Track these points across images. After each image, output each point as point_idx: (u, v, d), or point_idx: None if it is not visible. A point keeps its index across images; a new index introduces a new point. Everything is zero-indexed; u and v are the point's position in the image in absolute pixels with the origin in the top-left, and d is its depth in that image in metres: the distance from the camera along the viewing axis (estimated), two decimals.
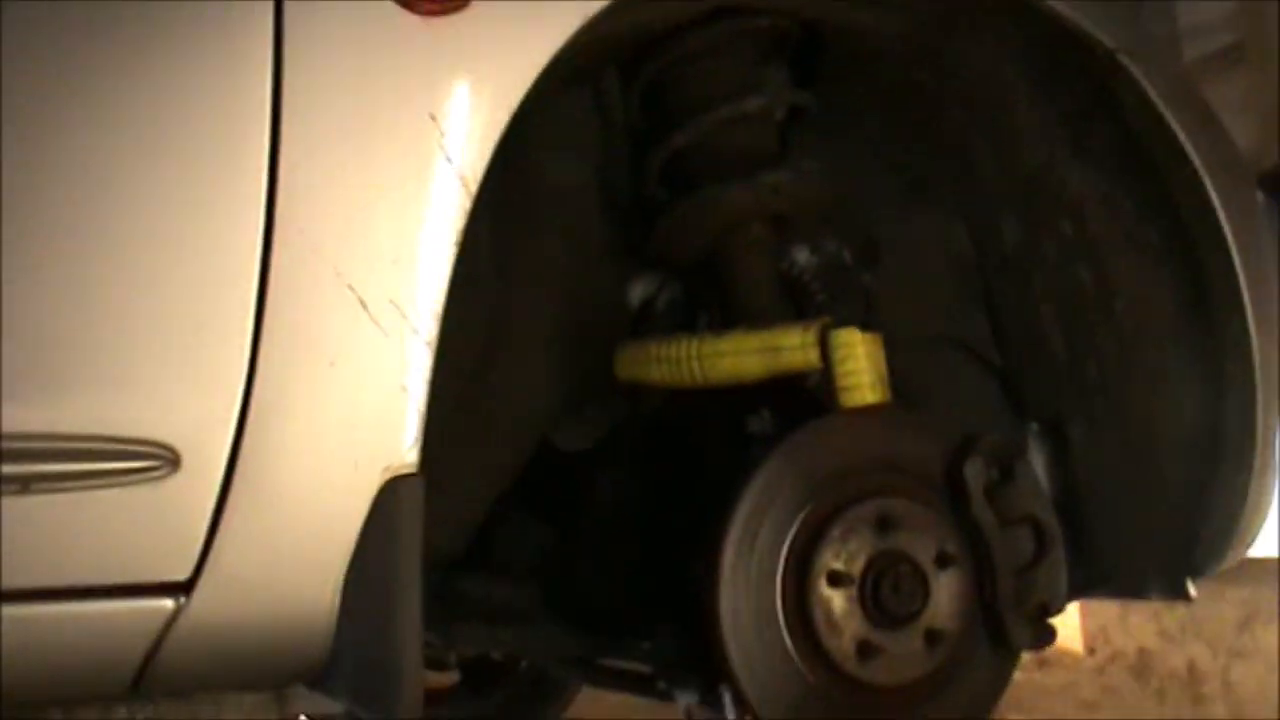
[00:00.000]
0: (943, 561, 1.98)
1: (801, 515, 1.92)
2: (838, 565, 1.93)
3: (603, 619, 2.25)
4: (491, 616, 2.27)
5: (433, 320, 1.59)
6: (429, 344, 1.59)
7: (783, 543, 1.93)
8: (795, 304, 2.33)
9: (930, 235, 2.36)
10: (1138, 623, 4.59)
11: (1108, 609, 4.75)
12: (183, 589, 1.50)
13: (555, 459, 2.33)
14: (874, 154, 2.33)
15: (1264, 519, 2.25)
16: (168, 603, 1.50)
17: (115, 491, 1.44)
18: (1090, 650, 4.55)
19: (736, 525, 1.91)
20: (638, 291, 2.36)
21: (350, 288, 1.53)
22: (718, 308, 2.25)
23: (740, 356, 2.05)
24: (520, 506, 2.36)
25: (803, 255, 2.40)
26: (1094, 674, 4.68)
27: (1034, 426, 2.46)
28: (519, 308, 2.23)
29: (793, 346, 2.01)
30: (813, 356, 2.00)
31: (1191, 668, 4.43)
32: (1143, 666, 4.60)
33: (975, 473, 2.01)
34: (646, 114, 2.26)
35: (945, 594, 1.97)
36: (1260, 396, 2.01)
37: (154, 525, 1.47)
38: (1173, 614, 4.52)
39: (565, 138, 2.27)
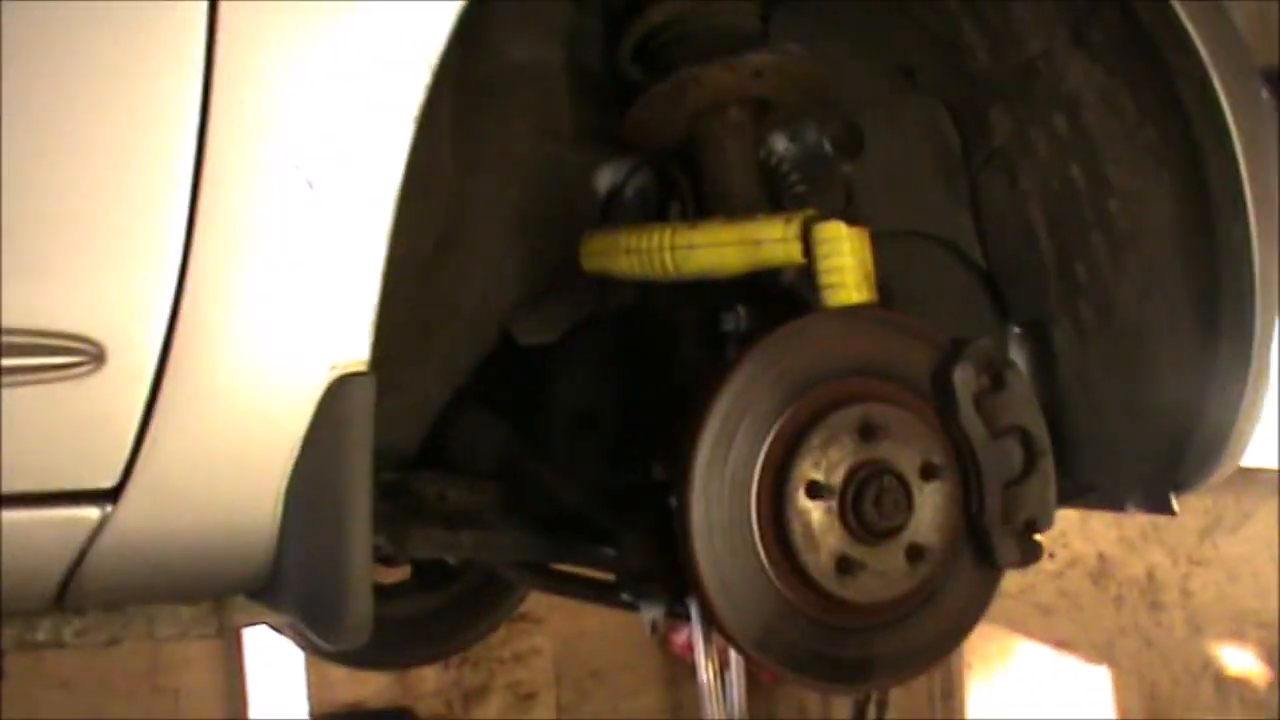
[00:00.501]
0: (928, 473, 1.87)
1: (779, 421, 1.80)
2: (817, 475, 1.81)
3: (565, 524, 2.13)
4: (447, 518, 2.14)
5: (387, 205, 1.44)
6: (382, 230, 1.44)
7: (759, 450, 1.81)
8: (772, 195, 2.19)
9: (915, 126, 2.25)
10: (1098, 529, 4.53)
11: (1068, 514, 4.69)
12: (109, 496, 1.36)
13: (516, 354, 2.19)
14: (857, 38, 2.22)
15: (1253, 432, 2.14)
16: (92, 511, 1.36)
17: (31, 390, 1.29)
18: (1050, 555, 4.49)
19: (709, 430, 1.78)
20: (605, 178, 2.22)
21: (296, 166, 1.38)
22: (691, 197, 2.11)
23: (716, 249, 1.91)
24: (478, 403, 2.24)
25: (780, 143, 2.25)
26: (1052, 578, 4.62)
27: (1015, 329, 2.37)
28: (480, 194, 2.10)
29: (773, 240, 1.88)
30: (794, 251, 1.86)
31: (1151, 575, 4.38)
32: (1101, 572, 4.54)
33: (965, 380, 1.89)
34: None
35: (929, 508, 1.86)
36: (1259, 305, 1.89)
37: (76, 427, 1.33)
38: (1134, 521, 4.46)
39: (531, 13, 2.12)
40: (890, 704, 4.71)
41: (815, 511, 1.82)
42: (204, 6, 1.36)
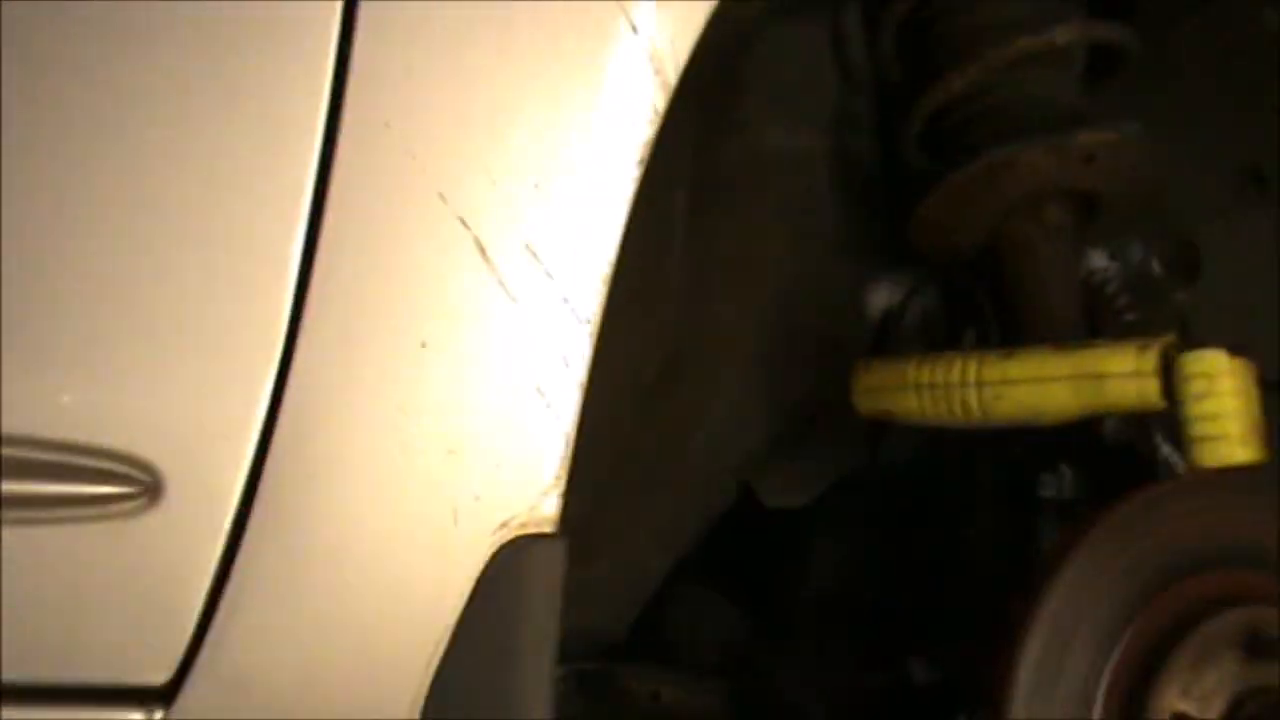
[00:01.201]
0: None
1: (1130, 629, 1.31)
2: (1187, 707, 1.26)
3: None
4: None
5: (596, 287, 0.98)
6: (588, 324, 0.97)
7: (1103, 668, 1.33)
8: (1092, 324, 1.66)
9: (1266, 242, 1.81)
10: None
11: None
12: (158, 697, 0.89)
13: (754, 520, 1.75)
14: (1198, 126, 1.78)
15: None
16: (134, 717, 0.89)
17: (48, 532, 0.83)
18: None
19: (1037, 638, 1.25)
20: (880, 297, 1.78)
21: (462, 221, 0.92)
22: (995, 322, 1.59)
23: (1040, 385, 1.41)
24: (703, 581, 1.84)
25: (1099, 260, 1.73)
26: None
27: None
28: (720, 312, 1.69)
29: (1123, 374, 1.37)
30: (1151, 390, 1.36)
31: None
32: None
33: None
34: (902, 59, 1.69)
35: None
36: None
37: (113, 592, 0.87)
38: None
39: (791, 89, 1.69)
40: None
41: None
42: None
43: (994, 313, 1.65)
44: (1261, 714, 1.32)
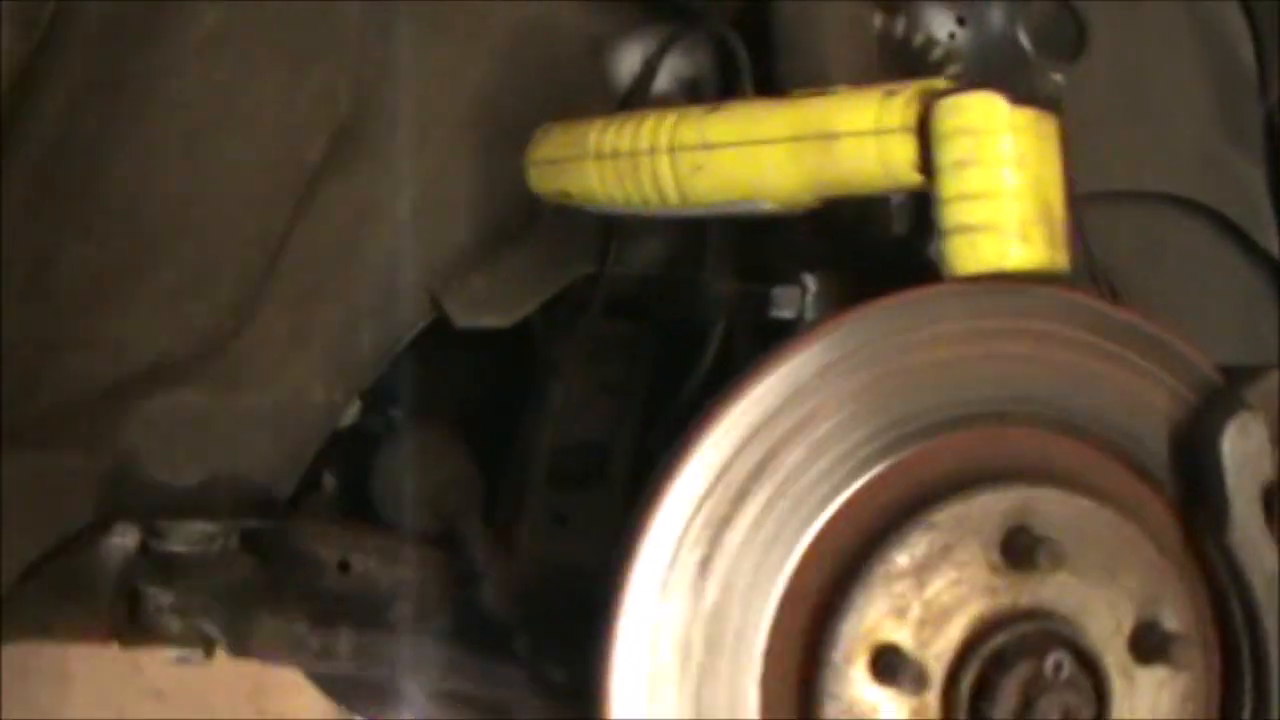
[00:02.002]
0: (1148, 647, 0.90)
1: (821, 518, 0.88)
2: (897, 637, 0.83)
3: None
4: (336, 602, 1.34)
5: None
6: None
7: (777, 570, 0.88)
8: None
9: (1177, 25, 1.41)
10: None
11: None
12: None
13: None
14: None
15: None
16: None
17: None
18: None
19: (665, 516, 0.84)
20: (628, 56, 1.29)
21: None
22: (751, 83, 1.16)
23: (754, 151, 0.96)
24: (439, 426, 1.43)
25: (941, 24, 1.28)
26: None
27: None
28: (411, 66, 1.26)
29: (859, 131, 0.90)
30: (898, 155, 0.88)
31: None
32: None
33: (1250, 453, 0.86)
34: None
35: (1142, 710, 0.89)
36: None
37: None
38: None
39: None
40: None
41: (890, 709, 0.85)
42: None
43: (753, 72, 1.18)
44: (1011, 653, 0.87)
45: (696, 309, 1.25)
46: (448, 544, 1.40)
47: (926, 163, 0.92)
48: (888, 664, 0.86)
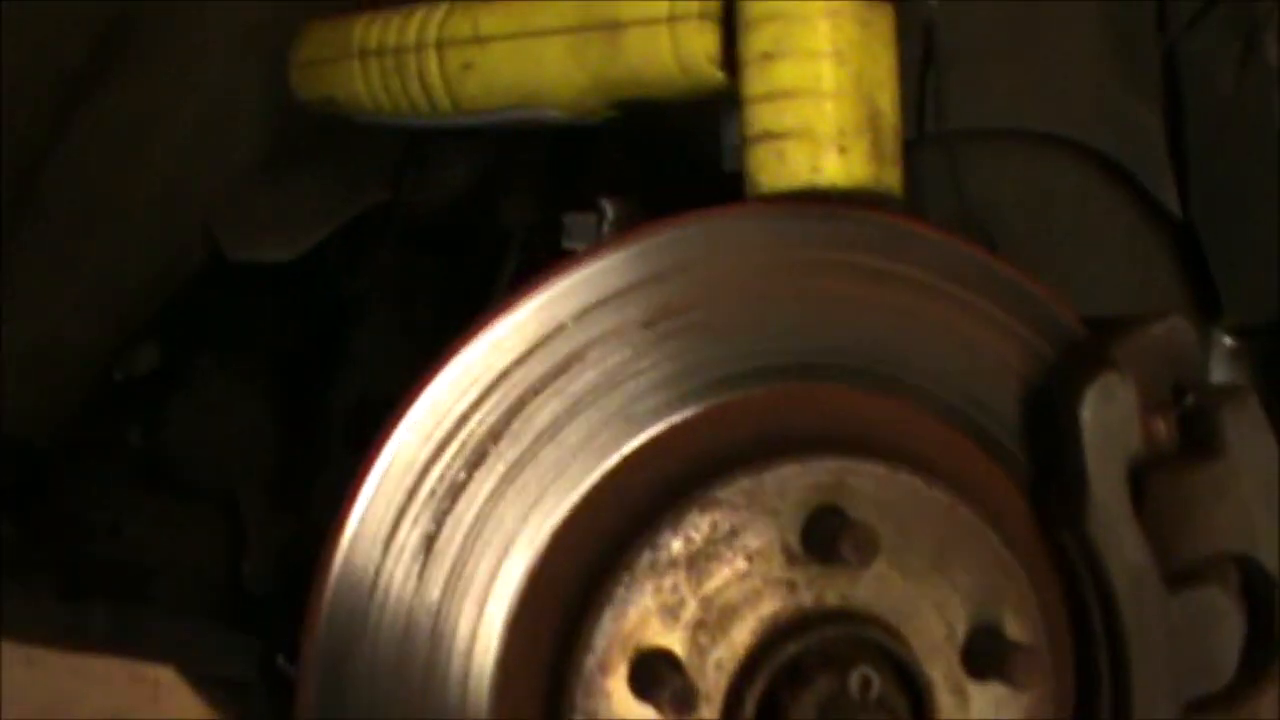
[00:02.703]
0: (983, 660, 0.69)
1: (602, 467, 0.71)
2: (666, 641, 0.67)
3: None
4: (93, 572, 1.21)
5: None
6: None
7: (531, 550, 0.70)
8: None
9: None
10: None
11: None
12: None
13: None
14: None
15: None
16: None
17: None
18: None
19: (379, 480, 0.67)
20: None
21: None
22: None
23: (530, 44, 0.77)
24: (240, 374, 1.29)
25: None
26: None
27: (1224, 338, 1.20)
28: None
29: (648, 20, 0.71)
30: (694, 49, 0.69)
31: None
32: None
33: (1113, 419, 0.69)
34: None
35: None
36: None
37: None
38: None
39: None
40: None
41: None
42: None
43: None
44: (810, 664, 0.69)
45: (492, 242, 1.08)
46: (229, 510, 1.24)
47: (730, 56, 0.75)
48: (653, 674, 0.68)
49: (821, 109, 0.72)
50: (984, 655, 0.73)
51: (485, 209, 1.08)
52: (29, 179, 1.12)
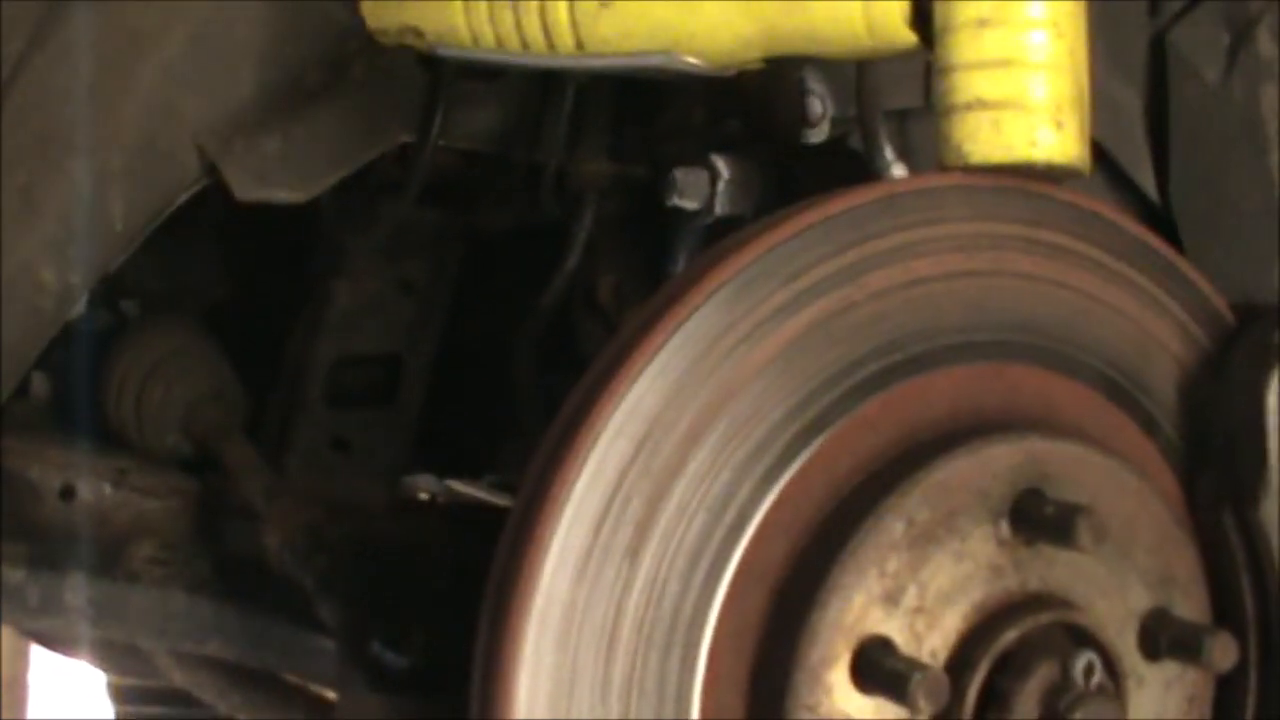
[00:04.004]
0: (1157, 640, 0.67)
1: (782, 481, 0.67)
2: (887, 630, 0.65)
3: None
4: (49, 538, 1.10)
5: None
6: None
7: (738, 539, 0.67)
8: None
9: None
10: None
11: None
12: None
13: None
14: None
15: None
16: None
17: None
18: None
19: (581, 483, 0.64)
20: None
21: None
22: None
23: None
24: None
25: None
26: None
27: None
28: None
29: None
30: (893, 8, 0.65)
31: None
32: None
33: None
34: None
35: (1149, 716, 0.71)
36: None
37: None
38: None
39: None
40: None
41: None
42: None
43: None
44: (1026, 648, 0.67)
45: (541, 193, 1.01)
46: (201, 471, 1.14)
47: (923, 19, 0.72)
48: (872, 660, 0.66)
49: (1039, 80, 0.70)
50: (1158, 636, 0.73)
51: (524, 157, 1.01)
52: None
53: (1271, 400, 0.73)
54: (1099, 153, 1.21)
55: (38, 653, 3.24)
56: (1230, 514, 0.76)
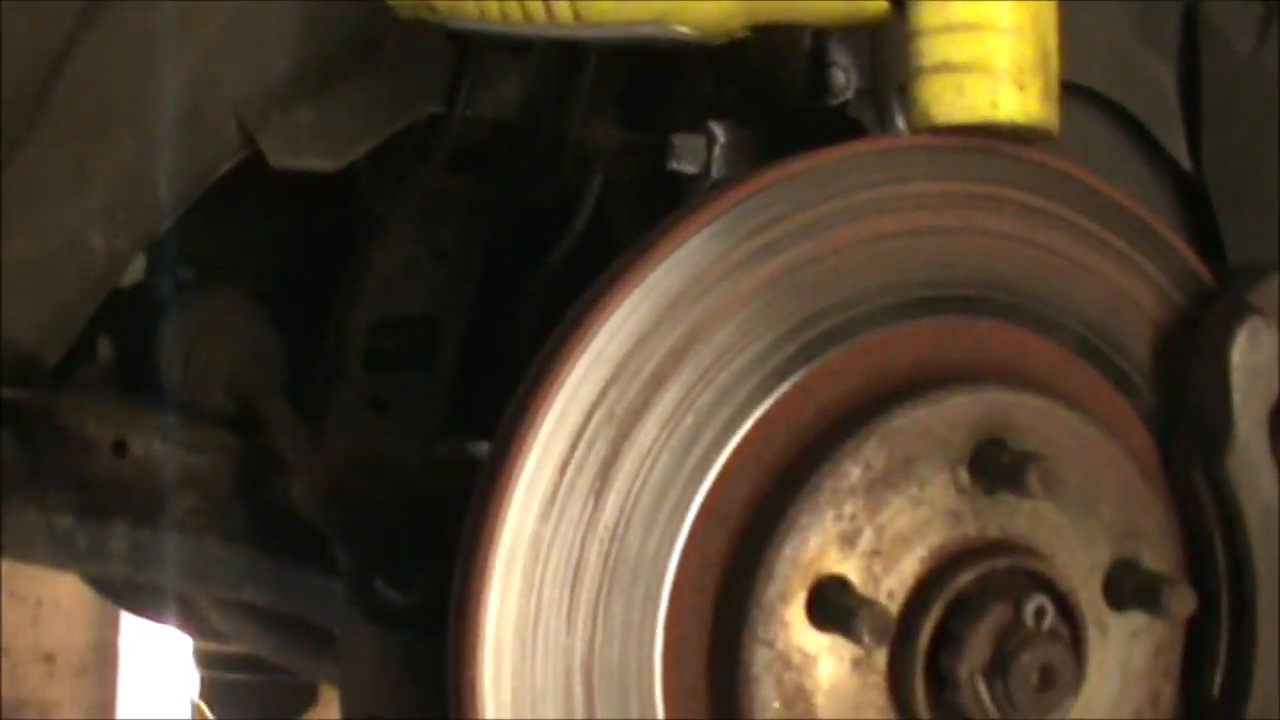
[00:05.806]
0: (1122, 591, 0.69)
1: (748, 424, 0.70)
2: (843, 569, 0.66)
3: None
4: (109, 491, 1.13)
5: None
6: None
7: (697, 483, 0.70)
8: None
9: None
10: None
11: None
12: None
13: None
14: None
15: None
16: None
17: None
18: None
19: (549, 415, 0.65)
20: None
21: None
22: None
23: None
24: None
25: None
26: None
27: None
28: None
29: None
30: None
31: None
32: None
33: (1256, 366, 0.71)
34: None
35: (1113, 673, 0.75)
36: None
37: None
38: None
39: None
40: None
41: (830, 662, 0.66)
42: None
43: None
44: (985, 591, 0.70)
45: (562, 162, 1.05)
46: (244, 428, 1.19)
47: None
48: (826, 599, 0.68)
49: (1002, 44, 0.72)
50: (1124, 586, 0.75)
51: (549, 128, 1.05)
52: (43, 83, 1.06)
53: (1235, 356, 0.75)
54: (1133, 124, 1.23)
55: (127, 620, 3.32)
56: (1200, 470, 0.78)
